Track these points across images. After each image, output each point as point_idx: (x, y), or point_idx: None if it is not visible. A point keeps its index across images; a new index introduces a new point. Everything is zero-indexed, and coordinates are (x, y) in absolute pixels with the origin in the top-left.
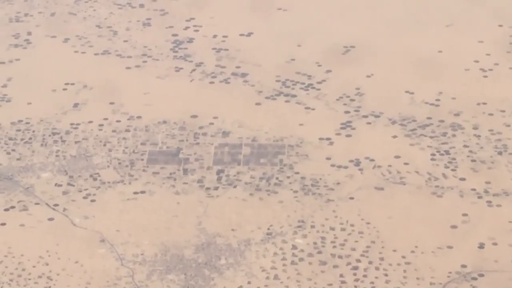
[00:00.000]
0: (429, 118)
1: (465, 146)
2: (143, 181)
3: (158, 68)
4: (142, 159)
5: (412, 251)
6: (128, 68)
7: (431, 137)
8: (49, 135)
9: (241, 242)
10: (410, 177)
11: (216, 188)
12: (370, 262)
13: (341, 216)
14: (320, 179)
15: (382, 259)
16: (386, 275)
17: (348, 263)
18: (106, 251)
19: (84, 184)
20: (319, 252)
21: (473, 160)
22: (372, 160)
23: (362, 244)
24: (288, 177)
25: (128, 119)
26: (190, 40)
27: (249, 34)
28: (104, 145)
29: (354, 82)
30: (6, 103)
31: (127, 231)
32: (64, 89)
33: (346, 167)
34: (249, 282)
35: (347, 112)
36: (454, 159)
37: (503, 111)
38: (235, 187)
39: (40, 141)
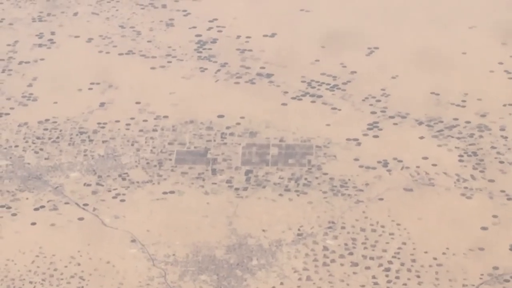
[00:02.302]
0: (455, 119)
1: (493, 147)
2: (172, 181)
3: (183, 69)
4: (170, 159)
5: (444, 253)
6: (153, 68)
7: (458, 138)
8: (77, 135)
9: (272, 242)
10: (439, 178)
11: (245, 189)
12: (402, 264)
13: (371, 217)
14: (349, 180)
15: (414, 260)
16: (418, 276)
17: (380, 265)
18: (137, 251)
19: (113, 184)
20: (351, 253)
21: (501, 162)
22: (400, 161)
23: (393, 245)
24: (317, 178)
25: (155, 119)
26: (214, 41)
27: (272, 35)
28: (132, 144)
29: (379, 83)
30: (33, 102)
31: (157, 231)
32: (90, 89)
33: (374, 168)
34: (281, 283)
35: (373, 112)
36: (482, 160)
37: None
38: (264, 187)
39: (67, 140)
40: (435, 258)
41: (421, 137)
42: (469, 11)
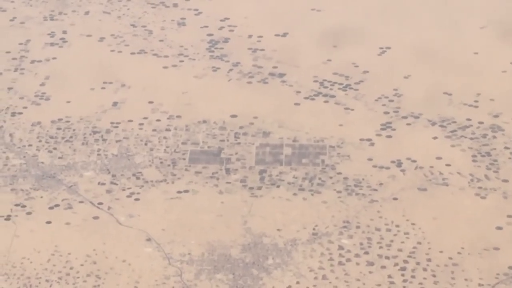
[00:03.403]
0: (468, 119)
1: (506, 148)
2: (186, 180)
3: (195, 68)
4: (184, 159)
5: (459, 252)
6: (165, 67)
7: (471, 139)
8: (90, 134)
9: (287, 242)
10: (453, 178)
11: (260, 188)
12: (418, 263)
13: (385, 217)
14: (363, 179)
15: (429, 260)
16: (434, 276)
17: (396, 264)
18: (153, 250)
19: (127, 183)
20: (366, 253)
21: None
22: (414, 161)
23: (409, 245)
24: (331, 178)
25: (168, 118)
26: (226, 40)
27: (284, 35)
28: (145, 144)
29: (391, 82)
30: (45, 101)
31: (172, 230)
32: (103, 88)
33: (388, 168)
34: (297, 282)
35: (386, 112)
36: (495, 160)
37: None
38: (278, 187)
39: (81, 139)
40: (450, 258)
41: (434, 137)
42: (480, 11)
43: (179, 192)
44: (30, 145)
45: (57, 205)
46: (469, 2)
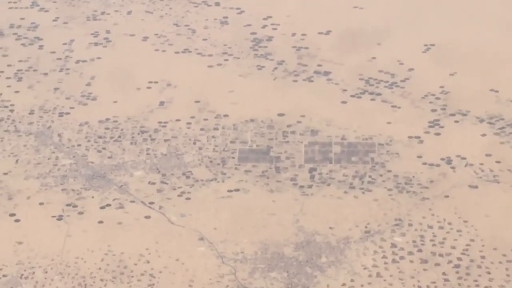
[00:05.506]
0: None
1: None
2: (236, 179)
3: (240, 67)
4: (233, 157)
5: None
6: (210, 66)
7: None
8: (138, 133)
9: (340, 240)
10: (504, 176)
11: (310, 186)
12: (472, 260)
13: (437, 214)
14: (413, 177)
15: (483, 257)
16: (488, 273)
17: (450, 261)
18: (206, 249)
19: (178, 182)
20: (419, 251)
21: None
22: (464, 158)
23: (462, 242)
24: (381, 175)
25: (215, 117)
26: (269, 39)
27: (327, 33)
28: (194, 143)
29: (437, 80)
30: (92, 101)
31: (225, 229)
32: (148, 88)
33: (438, 165)
34: (352, 280)
35: (433, 110)
36: None
37: None
38: (328, 185)
39: (129, 139)
40: (504, 255)
41: (483, 135)
42: None
43: (229, 191)
44: (79, 145)
45: (108, 205)
46: None
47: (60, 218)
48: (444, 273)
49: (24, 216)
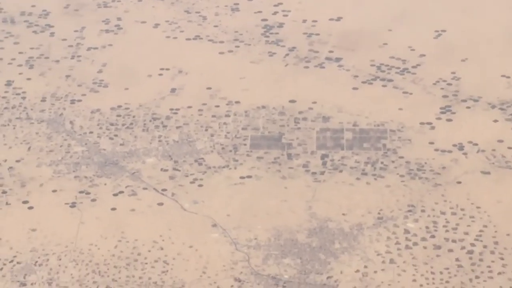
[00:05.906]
0: None
1: None
2: (248, 166)
3: (251, 53)
4: (245, 144)
5: None
6: (221, 53)
7: None
8: (150, 120)
9: (353, 226)
10: None
11: (322, 173)
12: (485, 246)
13: (450, 200)
14: (425, 163)
15: (496, 243)
16: (502, 259)
17: (463, 247)
18: (219, 235)
19: (190, 169)
20: (432, 236)
21: None
22: (476, 144)
23: (475, 228)
24: (393, 162)
25: (227, 104)
26: (280, 25)
27: (338, 19)
28: (206, 130)
29: (449, 66)
30: (104, 88)
31: (238, 216)
32: (160, 74)
33: (450, 152)
34: (365, 266)
35: (445, 96)
36: None
37: None
38: (341, 171)
39: (141, 126)
40: None
41: (495, 121)
42: None
43: (242, 177)
44: (91, 132)
45: (121, 192)
46: None
47: (73, 205)
48: (457, 259)
49: (37, 203)
